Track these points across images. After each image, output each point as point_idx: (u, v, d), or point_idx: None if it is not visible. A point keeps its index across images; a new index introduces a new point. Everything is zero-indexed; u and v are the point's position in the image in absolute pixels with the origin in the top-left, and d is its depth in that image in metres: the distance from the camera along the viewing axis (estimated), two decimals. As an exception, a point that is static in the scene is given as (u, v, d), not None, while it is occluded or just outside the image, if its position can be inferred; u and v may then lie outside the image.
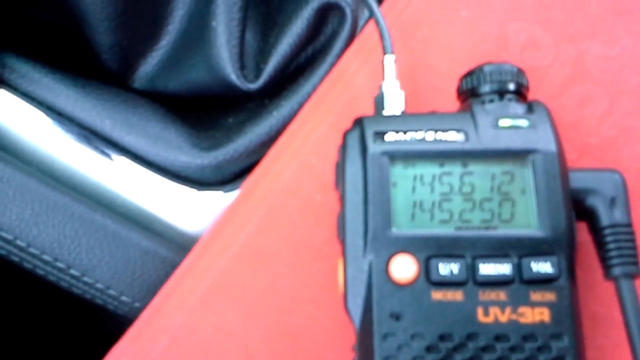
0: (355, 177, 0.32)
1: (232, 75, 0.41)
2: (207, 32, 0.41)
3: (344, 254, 0.31)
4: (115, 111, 0.40)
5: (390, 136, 0.32)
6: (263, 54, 0.42)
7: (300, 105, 0.40)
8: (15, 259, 0.38)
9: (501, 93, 0.34)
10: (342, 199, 0.32)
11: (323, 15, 0.42)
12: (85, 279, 0.38)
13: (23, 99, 0.40)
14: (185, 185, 0.41)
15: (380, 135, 0.32)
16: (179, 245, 0.40)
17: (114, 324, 0.40)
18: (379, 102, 0.36)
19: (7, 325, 0.48)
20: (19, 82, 0.40)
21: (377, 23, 0.38)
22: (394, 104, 0.36)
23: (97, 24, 0.41)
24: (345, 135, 0.33)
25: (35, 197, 0.38)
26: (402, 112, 0.35)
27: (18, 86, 0.40)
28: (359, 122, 0.33)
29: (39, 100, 0.40)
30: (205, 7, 0.41)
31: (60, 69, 0.41)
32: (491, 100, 0.33)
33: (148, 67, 0.44)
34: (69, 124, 0.40)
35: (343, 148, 0.33)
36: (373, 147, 0.32)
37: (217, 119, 0.43)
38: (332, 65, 0.41)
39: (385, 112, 0.36)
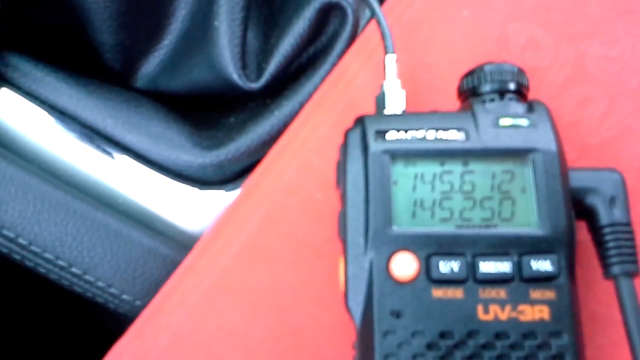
0: (356, 176, 0.32)
1: (234, 74, 0.41)
2: (210, 31, 0.41)
3: (345, 252, 0.31)
4: (117, 110, 0.40)
5: (391, 135, 0.32)
6: (265, 53, 0.42)
7: (302, 105, 0.41)
8: (17, 257, 0.38)
9: (502, 92, 0.34)
10: (343, 197, 0.32)
11: (324, 15, 0.42)
12: (87, 277, 0.38)
13: (25, 98, 0.40)
14: (187, 184, 0.41)
15: (381, 134, 0.32)
16: (180, 244, 0.40)
17: (114, 322, 0.40)
18: (380, 102, 0.36)
19: (8, 324, 0.48)
20: (21, 81, 0.40)
21: (379, 23, 0.38)
22: (395, 103, 0.36)
23: (100, 23, 0.41)
24: (347, 134, 0.33)
25: (37, 195, 0.38)
26: (403, 112, 0.35)
27: (21, 85, 0.40)
28: (360, 121, 0.33)
29: (41, 99, 0.40)
30: (208, 7, 0.41)
31: (62, 68, 0.41)
32: (492, 100, 0.34)
33: (150, 66, 0.44)
34: (71, 123, 0.40)
35: (344, 147, 0.33)
36: (374, 146, 0.32)
37: (218, 118, 0.43)
38: (334, 65, 0.41)
39: (387, 112, 0.36)
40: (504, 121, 0.32)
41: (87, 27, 0.42)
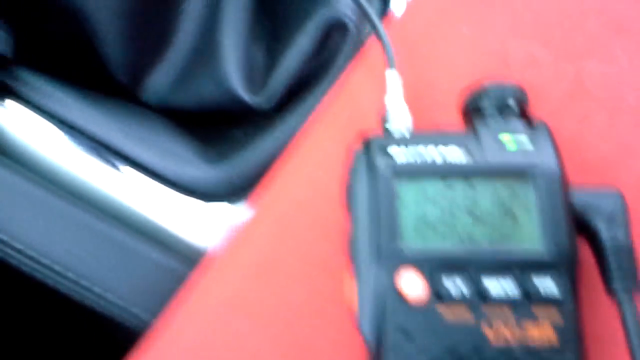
0: (364, 197, 0.32)
1: (239, 89, 0.41)
2: (215, 47, 0.42)
3: (355, 272, 0.32)
4: (125, 125, 0.41)
5: (397, 156, 0.33)
6: (269, 68, 0.43)
7: (306, 118, 0.41)
8: (26, 269, 0.39)
9: (503, 111, 0.34)
10: (353, 218, 0.33)
11: (327, 31, 0.42)
12: (96, 290, 0.39)
13: (36, 112, 0.41)
14: (193, 197, 0.41)
15: (387, 154, 0.33)
16: (186, 257, 0.40)
17: (123, 336, 0.40)
18: (384, 116, 0.37)
19: (16, 336, 0.48)
20: (31, 95, 0.41)
21: (380, 38, 0.39)
22: (399, 117, 0.36)
23: (107, 38, 0.41)
24: (354, 155, 0.34)
25: (47, 209, 0.38)
26: (409, 131, 0.36)
27: (31, 99, 0.41)
28: (367, 143, 0.34)
29: (51, 114, 0.41)
30: (213, 23, 0.42)
31: (72, 83, 0.41)
32: (493, 118, 0.34)
33: (157, 81, 0.44)
34: (81, 137, 0.41)
35: (352, 168, 0.33)
36: (381, 167, 0.33)
37: (224, 133, 0.44)
38: (336, 78, 0.42)
39: (390, 125, 0.36)
40: (506, 140, 0.33)
41: (96, 43, 0.42)
